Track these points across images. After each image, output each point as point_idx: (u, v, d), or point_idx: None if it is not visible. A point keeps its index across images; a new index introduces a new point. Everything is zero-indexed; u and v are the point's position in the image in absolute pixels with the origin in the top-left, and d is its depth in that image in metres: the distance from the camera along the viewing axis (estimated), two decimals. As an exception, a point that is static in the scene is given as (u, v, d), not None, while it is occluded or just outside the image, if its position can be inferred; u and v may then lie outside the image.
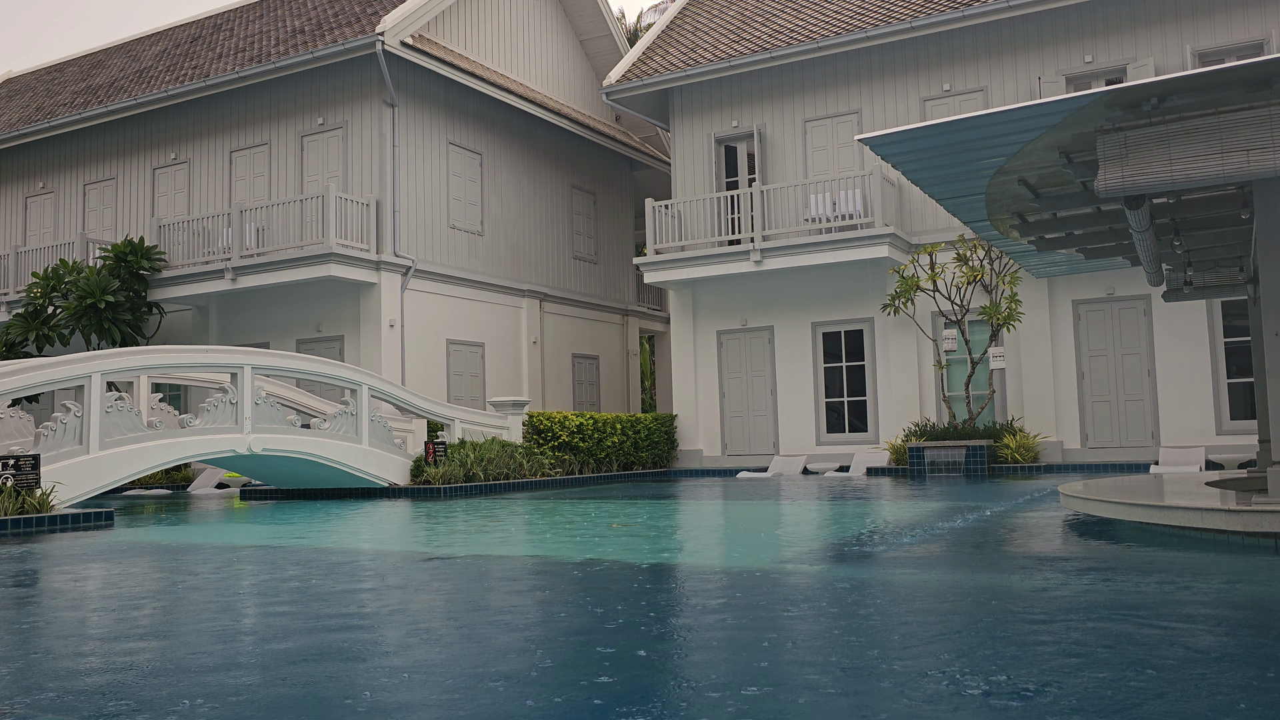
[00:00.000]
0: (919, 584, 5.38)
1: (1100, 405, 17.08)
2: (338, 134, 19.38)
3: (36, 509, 10.22)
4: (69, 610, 5.41)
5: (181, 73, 21.44)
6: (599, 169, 25.09)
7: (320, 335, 19.16)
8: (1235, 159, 5.78)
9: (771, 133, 20.00)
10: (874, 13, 19.12)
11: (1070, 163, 6.98)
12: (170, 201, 21.43)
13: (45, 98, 25.01)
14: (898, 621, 4.32)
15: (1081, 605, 4.54)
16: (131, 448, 11.87)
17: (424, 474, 15.01)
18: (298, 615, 4.82)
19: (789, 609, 4.65)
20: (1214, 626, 4.07)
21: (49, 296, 19.82)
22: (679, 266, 19.35)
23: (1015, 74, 18.01)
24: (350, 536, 9.27)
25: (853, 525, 8.77)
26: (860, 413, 18.94)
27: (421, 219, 19.49)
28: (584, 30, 24.93)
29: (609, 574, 6.00)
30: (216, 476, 18.89)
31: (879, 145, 6.84)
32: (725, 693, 3.12)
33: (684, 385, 20.28)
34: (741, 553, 7.25)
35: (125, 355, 12.30)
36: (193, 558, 7.66)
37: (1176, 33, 16.92)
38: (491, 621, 4.51)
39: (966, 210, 8.45)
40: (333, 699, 3.18)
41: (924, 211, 18.49)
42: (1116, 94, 6.09)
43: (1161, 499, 7.27)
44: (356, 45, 18.25)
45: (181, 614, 5.06)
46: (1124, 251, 10.14)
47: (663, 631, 4.24)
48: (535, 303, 22.20)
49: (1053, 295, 17.43)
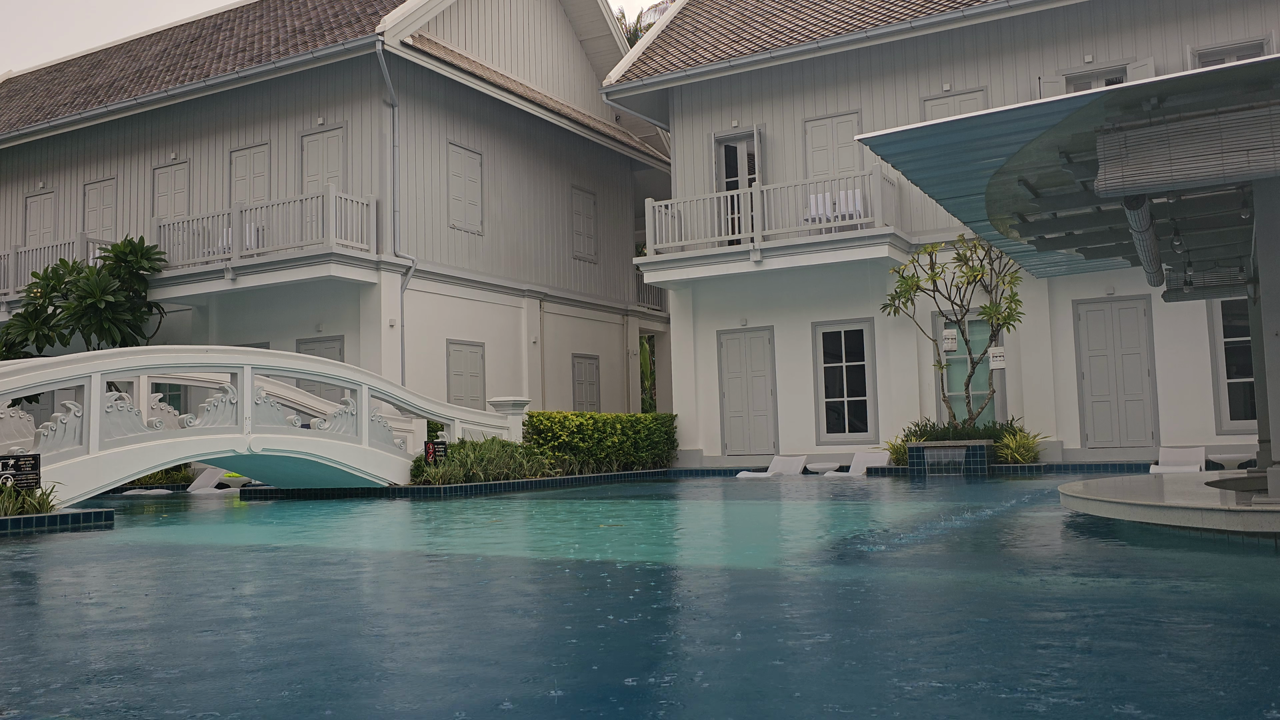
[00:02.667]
0: (919, 584, 5.38)
1: (1100, 405, 17.08)
2: (338, 134, 19.38)
3: (36, 509, 10.21)
4: (69, 610, 5.40)
5: (181, 73, 21.44)
6: (599, 169, 25.09)
7: (320, 335, 19.16)
8: (1235, 159, 5.78)
9: (771, 133, 20.00)
10: (874, 13, 19.12)
11: (1070, 163, 6.98)
12: (170, 201, 21.43)
13: (45, 98, 25.01)
14: (897, 621, 4.31)
15: (1082, 605, 4.54)
16: (131, 448, 11.87)
17: (424, 474, 15.01)
18: (298, 616, 4.81)
19: (789, 609, 4.65)
20: (1214, 626, 4.07)
21: (49, 296, 19.82)
22: (679, 266, 19.35)
23: (1015, 74, 18.01)
24: (350, 537, 9.27)
25: (853, 525, 8.77)
26: (860, 413, 18.94)
27: (421, 219, 19.49)
28: (584, 30, 24.93)
29: (610, 574, 6.00)
30: (216, 476, 18.89)
31: (879, 145, 6.84)
32: (725, 692, 3.12)
33: (684, 385, 20.28)
34: (742, 553, 7.25)
35: (125, 355, 12.30)
36: (193, 558, 7.66)
37: (1176, 33, 16.92)
38: (491, 621, 4.50)
39: (966, 210, 8.45)
40: (332, 700, 3.17)
41: (924, 211, 18.49)
42: (1116, 94, 6.09)
43: (1161, 499, 7.26)
44: (356, 45, 18.25)
45: (181, 614, 5.06)
46: (1124, 251, 10.15)
47: (663, 631, 4.23)
48: (535, 303, 22.20)
49: (1053, 295, 17.43)
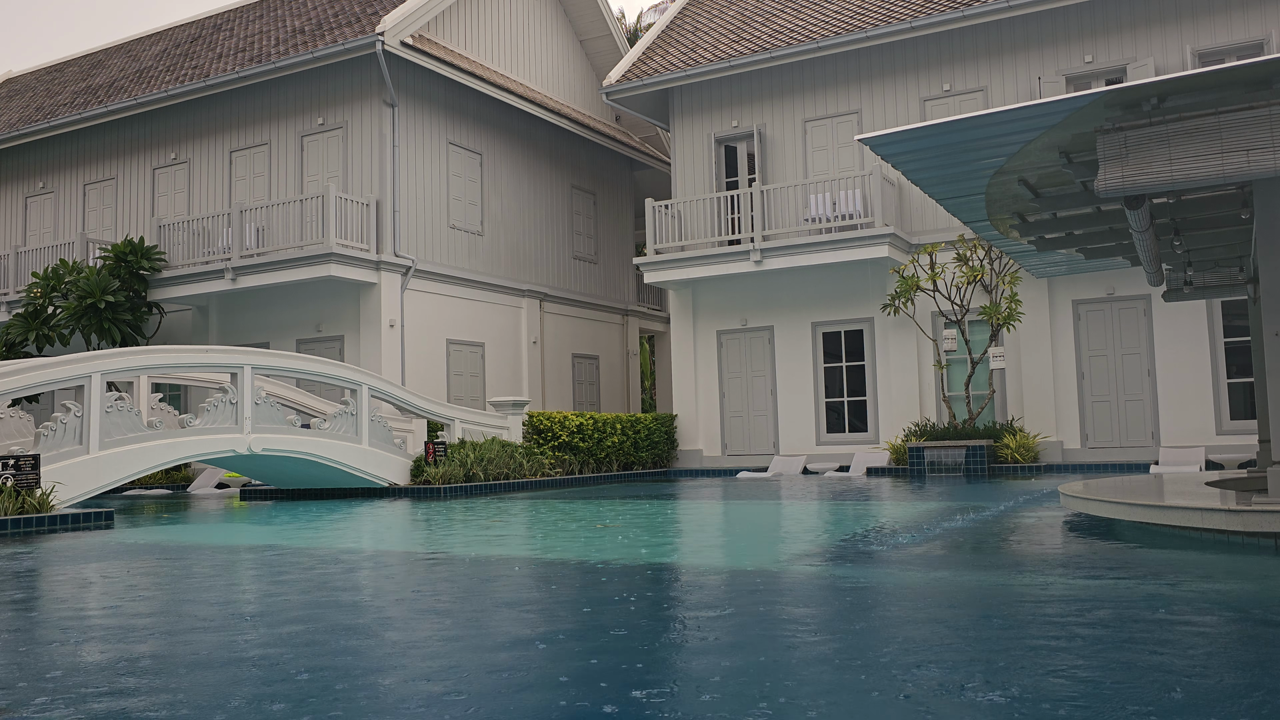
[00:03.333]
0: (919, 584, 5.38)
1: (1100, 405, 17.08)
2: (338, 134, 19.38)
3: (36, 509, 10.21)
4: (68, 610, 5.40)
5: (181, 73, 21.44)
6: (599, 169, 25.09)
7: (320, 335, 19.16)
8: (1235, 159, 5.78)
9: (771, 133, 20.00)
10: (874, 13, 19.12)
11: (1070, 163, 6.98)
12: (170, 201, 21.43)
13: (45, 98, 25.00)
14: (897, 621, 4.31)
15: (1081, 605, 4.54)
16: (131, 448, 11.87)
17: (424, 474, 15.01)
18: (298, 616, 4.81)
19: (789, 609, 4.65)
20: (1214, 627, 4.07)
21: (49, 296, 19.82)
22: (679, 266, 19.35)
23: (1015, 74, 18.01)
24: (350, 537, 9.27)
25: (853, 525, 8.77)
26: (860, 413, 18.94)
27: (421, 219, 19.49)
28: (584, 30, 24.93)
29: (610, 575, 6.00)
30: (216, 476, 18.89)
31: (879, 145, 6.84)
32: (726, 693, 3.12)
33: (684, 385, 20.28)
34: (742, 553, 7.25)
35: (125, 355, 12.30)
36: (193, 558, 7.66)
37: (1176, 33, 16.92)
38: (490, 622, 4.51)
39: (966, 210, 8.45)
40: (333, 700, 3.17)
41: (924, 211, 18.49)
42: (1116, 94, 6.09)
43: (1161, 499, 7.26)
44: (356, 45, 18.25)
45: (181, 614, 5.06)
46: (1124, 251, 10.14)
47: (663, 631, 4.23)
48: (535, 303, 22.20)
49: (1053, 295, 17.43)
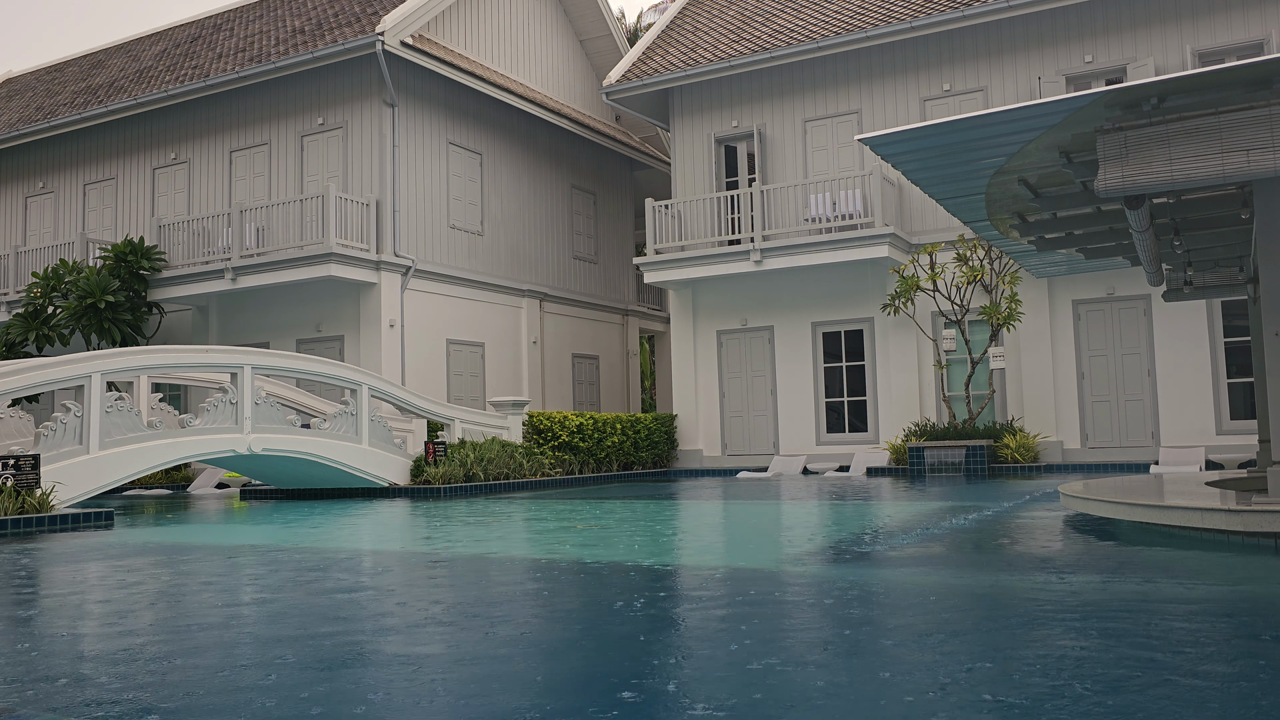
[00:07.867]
0: (919, 584, 5.38)
1: (1100, 405, 17.08)
2: (338, 134, 19.38)
3: (36, 509, 10.21)
4: (67, 610, 5.40)
5: (181, 73, 21.44)
6: (599, 169, 25.09)
7: (320, 335, 19.16)
8: (1235, 159, 5.78)
9: (771, 133, 20.00)
10: (874, 13, 19.12)
11: (1070, 163, 6.98)
12: (170, 201, 21.43)
13: (45, 98, 25.00)
14: (897, 620, 4.31)
15: (1082, 605, 4.54)
16: (131, 448, 11.87)
17: (424, 474, 15.01)
18: (298, 616, 4.81)
19: (789, 609, 4.65)
20: (1214, 627, 4.07)
21: (49, 296, 19.82)
22: (679, 266, 19.35)
23: (1015, 74, 18.01)
24: (350, 537, 9.27)
25: (852, 525, 8.77)
26: (860, 413, 18.94)
27: (421, 219, 19.49)
28: (584, 30, 24.93)
29: (610, 575, 6.00)
30: (216, 476, 18.89)
31: (879, 145, 6.84)
32: (725, 692, 3.12)
33: (684, 385, 20.28)
34: (742, 553, 7.25)
35: (125, 355, 12.30)
36: (193, 558, 7.66)
37: (1176, 33, 16.92)
38: (489, 623, 4.51)
39: (966, 210, 8.45)
40: (332, 700, 3.17)
41: (924, 211, 18.49)
42: (1116, 94, 6.09)
43: (1162, 499, 7.26)
44: (356, 45, 18.25)
45: (181, 614, 5.06)
46: (1124, 251, 10.15)
47: (663, 631, 4.23)
48: (535, 303, 22.20)
49: (1053, 295, 17.43)
